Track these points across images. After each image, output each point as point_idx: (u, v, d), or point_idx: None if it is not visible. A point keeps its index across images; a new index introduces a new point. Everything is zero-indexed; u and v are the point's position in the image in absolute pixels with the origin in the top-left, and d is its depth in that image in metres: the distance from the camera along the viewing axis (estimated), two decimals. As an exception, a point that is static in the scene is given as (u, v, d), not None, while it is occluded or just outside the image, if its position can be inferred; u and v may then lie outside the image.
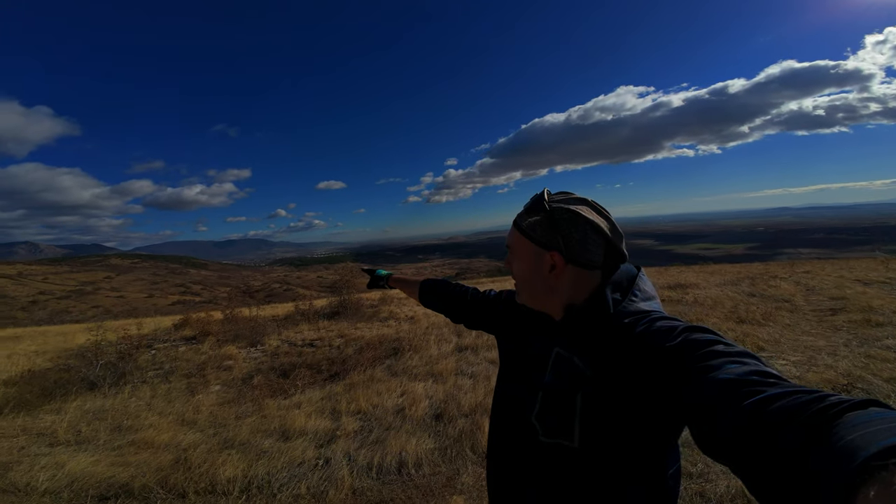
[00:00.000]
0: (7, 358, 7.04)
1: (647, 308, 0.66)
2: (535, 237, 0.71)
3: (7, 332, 11.50)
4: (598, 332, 0.65)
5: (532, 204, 0.74)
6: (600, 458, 0.61)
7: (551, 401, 0.67)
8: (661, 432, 0.59)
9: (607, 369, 0.61)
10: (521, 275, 0.76)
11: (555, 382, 0.68)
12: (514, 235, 0.76)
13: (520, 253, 0.75)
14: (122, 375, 5.35)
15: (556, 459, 0.66)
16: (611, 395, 0.59)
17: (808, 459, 0.32)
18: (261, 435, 3.30)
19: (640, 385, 0.56)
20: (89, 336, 7.00)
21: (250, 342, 6.80)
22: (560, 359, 0.69)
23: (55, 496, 2.56)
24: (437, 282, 1.25)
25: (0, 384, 5.30)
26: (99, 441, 3.40)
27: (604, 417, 0.60)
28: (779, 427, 0.35)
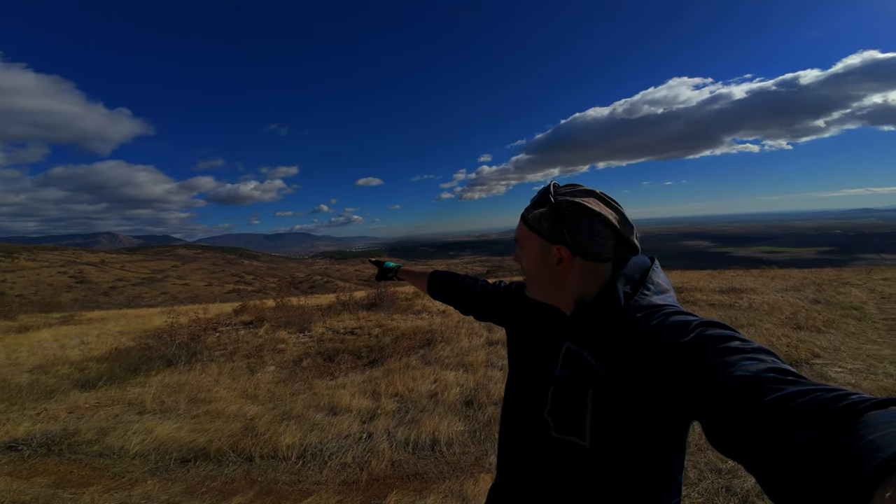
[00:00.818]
0: (97, 337, 7.77)
1: (661, 302, 0.61)
2: (541, 231, 0.68)
3: (94, 314, 12.59)
4: (608, 326, 0.61)
5: (538, 197, 0.70)
6: (611, 458, 0.58)
7: (562, 396, 0.64)
8: (673, 433, 0.56)
9: (619, 365, 0.57)
10: (529, 269, 0.72)
11: (566, 377, 0.64)
12: (522, 229, 0.72)
13: (527, 247, 0.71)
14: (194, 354, 5.80)
15: (567, 457, 0.62)
16: (622, 392, 0.56)
17: (825, 458, 0.30)
18: (312, 410, 3.56)
19: (652, 382, 0.52)
20: (165, 319, 7.63)
21: (299, 328, 7.18)
22: (570, 353, 0.65)
23: (144, 459, 2.81)
24: (445, 274, 1.18)
25: (94, 360, 5.90)
26: (179, 410, 3.74)
27: (615, 415, 0.57)
28: (796, 425, 0.34)
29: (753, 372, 0.41)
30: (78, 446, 2.90)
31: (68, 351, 6.56)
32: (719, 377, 0.43)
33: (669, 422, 0.54)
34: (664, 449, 0.57)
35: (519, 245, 0.74)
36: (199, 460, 2.81)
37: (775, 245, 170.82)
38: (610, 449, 0.58)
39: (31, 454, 2.77)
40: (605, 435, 0.58)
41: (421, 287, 1.25)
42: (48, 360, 5.92)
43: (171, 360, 5.57)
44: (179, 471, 2.67)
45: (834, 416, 0.32)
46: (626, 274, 0.64)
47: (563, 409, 0.63)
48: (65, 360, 5.93)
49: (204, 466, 2.72)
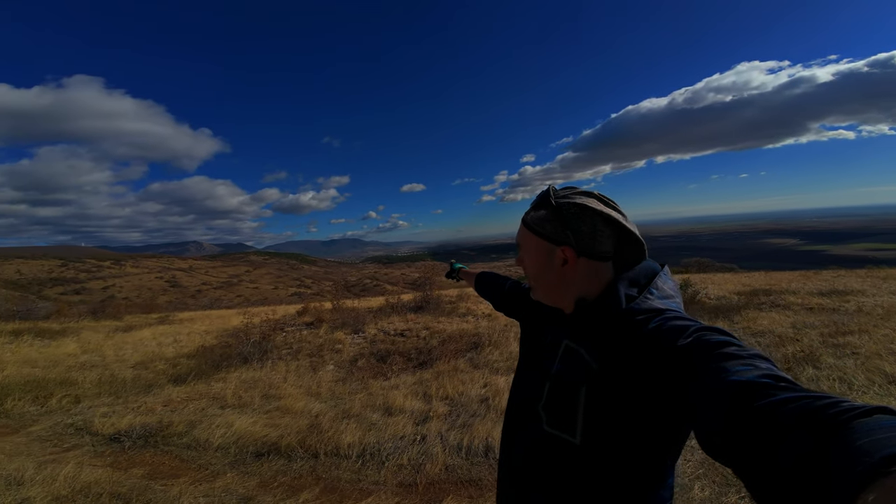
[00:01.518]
0: (187, 335, 8.47)
1: (662, 306, 0.59)
2: (543, 233, 0.67)
3: (185, 314, 13.80)
4: (607, 326, 0.59)
5: (539, 200, 0.69)
6: (601, 457, 0.56)
7: (557, 392, 0.63)
8: (665, 435, 0.53)
9: (614, 365, 0.55)
10: (533, 271, 0.70)
11: (561, 373, 0.64)
12: (523, 233, 0.71)
13: (530, 249, 0.69)
14: (265, 352, 6.13)
15: (557, 452, 0.61)
16: (616, 392, 0.54)
17: (814, 464, 0.29)
18: (369, 409, 3.59)
19: (646, 383, 0.51)
20: (241, 319, 8.16)
21: (353, 329, 7.37)
22: (568, 350, 0.64)
23: (225, 451, 2.95)
24: (488, 274, 1.29)
25: (185, 357, 6.42)
26: (254, 405, 3.93)
27: (607, 414, 0.55)
28: (787, 431, 0.33)
29: (747, 378, 0.39)
30: (170, 438, 3.12)
31: (164, 348, 7.20)
32: (713, 381, 0.42)
33: (661, 423, 0.52)
34: (656, 451, 0.55)
35: (521, 248, 0.72)
36: (272, 455, 2.90)
37: (881, 241, 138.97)
38: (600, 447, 0.56)
39: (130, 445, 3.01)
40: (595, 433, 0.56)
41: (471, 284, 1.41)
42: (148, 356, 6.52)
43: (246, 357, 5.92)
44: (254, 464, 2.77)
45: (824, 422, 0.31)
46: (631, 277, 0.63)
47: (557, 405, 0.62)
48: (161, 356, 6.51)
49: (276, 461, 2.81)
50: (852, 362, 3.47)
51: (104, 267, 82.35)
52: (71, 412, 3.70)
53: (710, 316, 5.97)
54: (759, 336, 4.69)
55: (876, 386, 3.05)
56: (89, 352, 6.91)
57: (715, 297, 7.28)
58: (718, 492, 2.10)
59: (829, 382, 3.19)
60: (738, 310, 6.07)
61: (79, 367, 5.68)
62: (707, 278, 10.23)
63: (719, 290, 8.04)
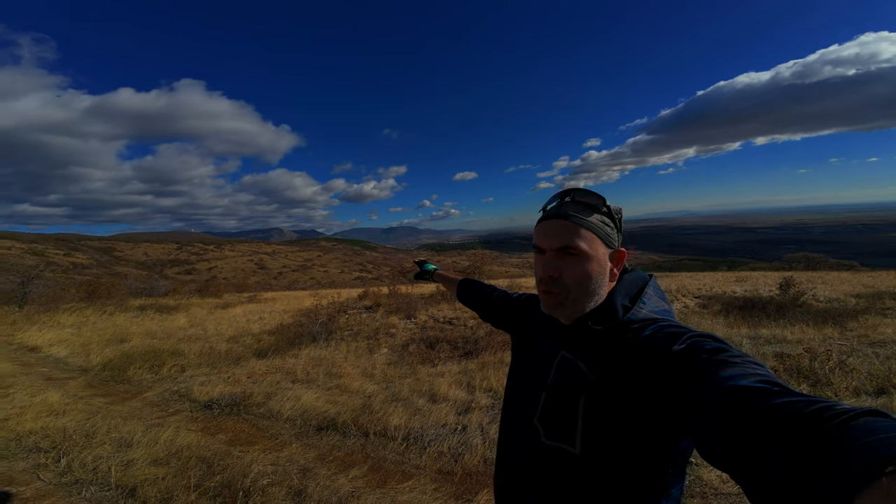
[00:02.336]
0: (269, 314, 9.34)
1: (657, 316, 0.58)
2: (602, 235, 0.60)
3: (268, 294, 15.27)
4: (605, 337, 0.57)
5: (595, 199, 0.61)
6: (601, 467, 0.53)
7: (553, 403, 0.60)
8: (664, 442, 0.50)
9: (612, 374, 0.53)
10: (586, 278, 0.59)
11: (558, 384, 0.61)
12: (580, 234, 0.59)
13: (589, 254, 0.59)
14: (331, 332, 6.55)
15: (558, 464, 0.57)
16: (614, 401, 0.52)
17: (809, 468, 0.28)
18: (416, 395, 3.67)
19: (644, 391, 0.49)
20: (312, 301, 8.80)
21: (406, 315, 7.59)
22: (565, 362, 0.61)
23: (292, 422, 3.19)
24: (472, 282, 1.16)
25: (267, 333, 7.09)
26: (319, 382, 4.23)
27: (606, 424, 0.52)
28: (781, 435, 0.32)
29: (742, 383, 0.39)
30: (250, 408, 3.46)
31: (251, 324, 8.03)
32: (709, 387, 0.41)
33: (659, 431, 0.50)
34: (656, 459, 0.52)
35: (570, 253, 0.59)
36: (330, 430, 3.09)
37: None
38: (600, 457, 0.53)
39: (219, 413, 3.40)
40: (595, 442, 0.54)
41: (452, 291, 1.23)
42: (239, 331, 7.32)
43: (314, 336, 6.38)
44: (315, 437, 2.98)
45: (818, 425, 0.30)
46: (625, 287, 0.62)
47: (554, 416, 0.59)
48: (249, 332, 7.26)
49: (332, 436, 2.99)
50: None
51: (208, 250, 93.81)
52: (177, 380, 4.27)
53: (816, 320, 5.13)
54: (878, 346, 3.93)
55: None
56: (195, 325, 7.92)
57: (825, 298, 6.29)
58: None
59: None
60: (853, 315, 5.15)
61: (187, 339, 6.54)
62: (817, 277, 8.85)
63: (832, 291, 6.93)
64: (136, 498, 1.98)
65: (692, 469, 2.31)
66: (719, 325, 5.74)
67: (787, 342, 4.68)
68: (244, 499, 1.99)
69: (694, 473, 2.28)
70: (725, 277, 10.34)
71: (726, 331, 5.37)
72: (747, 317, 5.83)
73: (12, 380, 4.16)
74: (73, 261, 62.78)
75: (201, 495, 1.98)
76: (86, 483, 2.13)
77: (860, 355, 3.69)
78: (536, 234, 0.64)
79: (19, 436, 2.75)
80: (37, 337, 6.46)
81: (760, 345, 4.70)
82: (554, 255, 0.60)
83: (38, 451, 2.51)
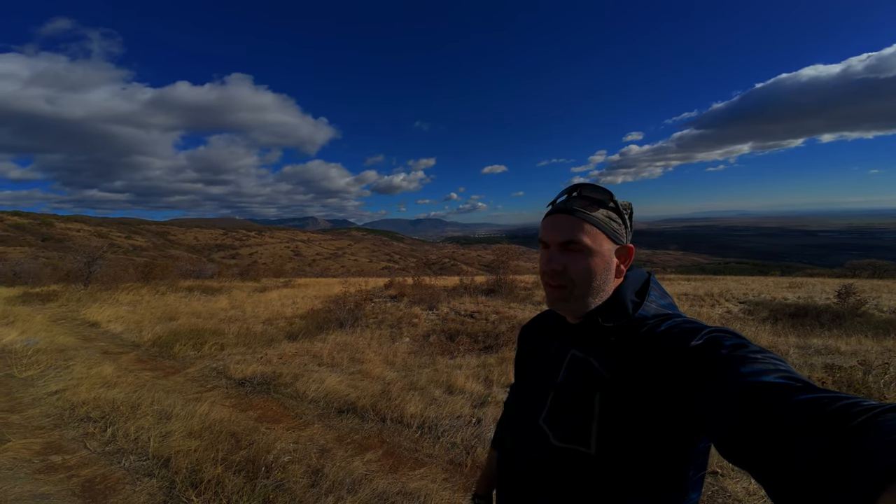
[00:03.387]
0: (302, 299, 9.76)
1: (668, 311, 0.57)
2: (608, 231, 0.59)
3: (302, 280, 15.96)
4: (617, 333, 0.56)
5: (602, 195, 0.59)
6: (618, 466, 0.51)
7: (563, 402, 0.58)
8: (684, 441, 0.49)
9: (627, 370, 0.52)
10: (590, 274, 0.57)
11: (568, 383, 0.58)
12: (589, 231, 0.58)
13: (593, 249, 0.57)
14: (357, 319, 6.76)
15: (570, 467, 0.54)
16: (630, 397, 0.50)
17: (833, 465, 0.28)
18: (433, 385, 3.72)
19: (660, 386, 0.48)
20: (341, 288, 9.10)
21: (429, 306, 7.67)
22: (576, 360, 0.59)
23: (315, 404, 3.33)
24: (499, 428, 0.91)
25: (298, 317, 7.42)
26: (343, 366, 4.39)
27: (623, 421, 0.50)
28: (806, 432, 0.31)
29: (764, 379, 0.37)
30: (279, 387, 3.65)
31: (285, 308, 8.43)
32: (729, 383, 0.40)
33: (678, 428, 0.48)
34: (674, 458, 0.50)
35: (573, 248, 0.58)
36: (349, 413, 3.20)
37: None
38: (618, 455, 0.51)
39: (251, 390, 3.62)
40: (612, 440, 0.51)
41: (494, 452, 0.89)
42: (273, 314, 7.72)
43: (342, 322, 6.61)
44: (336, 419, 3.10)
45: (844, 422, 0.30)
46: (632, 283, 0.61)
47: (563, 417, 0.57)
48: (282, 315, 7.64)
49: (352, 419, 3.10)
50: None
51: (250, 237, 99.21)
52: (216, 358, 4.59)
53: (876, 331, 4.69)
54: None
55: None
56: (235, 307, 8.44)
57: (889, 309, 5.75)
58: None
59: None
60: None
61: (227, 320, 6.99)
62: (883, 286, 8.10)
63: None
64: (168, 468, 2.16)
65: (718, 479, 2.19)
66: (765, 332, 5.30)
67: (840, 353, 4.29)
68: (266, 474, 2.11)
69: (718, 484, 2.16)
70: (777, 282, 9.61)
71: (772, 339, 4.96)
72: (798, 325, 5.40)
73: (73, 353, 4.63)
74: (132, 243, 68.69)
75: (227, 468, 2.13)
76: (126, 452, 2.35)
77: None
78: (542, 228, 0.62)
79: (73, 406, 3.06)
80: (97, 313, 7.15)
81: (810, 355, 4.33)
82: (558, 250, 0.59)
83: (88, 420, 2.79)
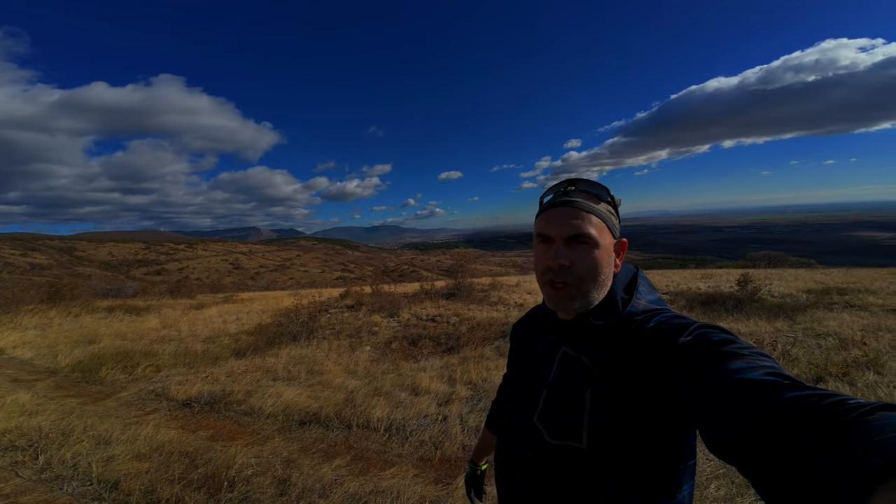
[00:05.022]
0: (247, 314, 9.24)
1: (656, 306, 0.59)
2: (610, 225, 0.60)
3: (245, 295, 15.00)
4: (608, 330, 0.57)
5: (600, 189, 0.61)
6: (611, 461, 0.52)
7: (556, 400, 0.59)
8: (672, 436, 0.51)
9: (617, 367, 0.53)
10: (597, 267, 0.57)
11: (560, 381, 0.59)
12: (593, 222, 0.58)
13: (601, 243, 0.58)
14: (312, 332, 6.59)
15: (566, 463, 0.56)
16: (621, 394, 0.52)
17: (822, 463, 0.29)
18: (398, 388, 3.79)
19: (651, 382, 0.49)
20: (292, 300, 8.76)
21: (389, 313, 7.69)
22: (567, 358, 0.60)
23: (274, 418, 3.26)
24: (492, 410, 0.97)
25: (245, 333, 7.05)
26: (300, 379, 4.29)
27: (614, 417, 0.52)
28: (793, 429, 0.32)
29: (751, 376, 0.39)
30: (230, 405, 3.51)
31: (228, 325, 7.94)
32: (717, 381, 0.41)
33: (668, 424, 0.50)
34: (666, 452, 0.52)
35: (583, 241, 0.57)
36: (313, 424, 3.19)
37: None
38: (609, 450, 0.52)
39: (199, 410, 3.44)
40: (603, 436, 0.52)
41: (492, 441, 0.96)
42: (215, 332, 7.24)
43: (295, 335, 6.40)
44: (298, 431, 3.07)
45: (832, 420, 0.30)
46: (621, 279, 0.62)
47: (556, 414, 0.58)
48: (226, 332, 7.19)
49: (315, 429, 3.09)
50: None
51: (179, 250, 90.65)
52: (153, 380, 4.26)
53: (768, 315, 5.47)
54: (822, 338, 4.24)
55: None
56: (168, 327, 7.78)
57: (779, 294, 6.71)
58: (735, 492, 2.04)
59: (887, 389, 2.91)
60: (802, 309, 5.53)
61: (160, 340, 6.45)
62: (774, 274, 9.33)
63: (786, 287, 7.37)
64: (119, 490, 2.04)
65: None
66: (683, 318, 6.02)
67: (740, 335, 4.97)
68: (229, 488, 2.08)
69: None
70: (693, 274, 10.83)
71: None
72: (708, 311, 6.19)
73: (-25, 384, 4.05)
74: (30, 261, 59.64)
75: (186, 486, 2.06)
76: (66, 479, 2.17)
77: (804, 346, 4.00)
78: (542, 222, 0.60)
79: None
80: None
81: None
82: (563, 244, 0.57)
83: (14, 449, 2.52)
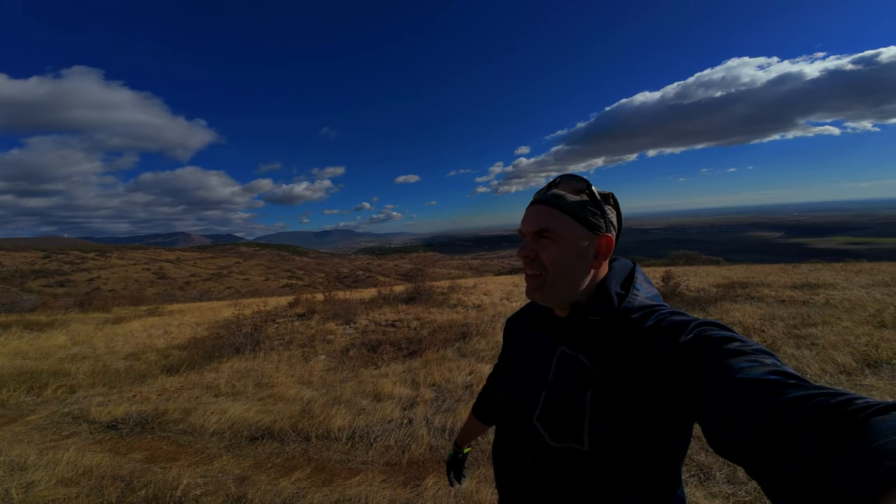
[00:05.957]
0: (178, 327, 8.45)
1: (653, 302, 0.58)
2: (583, 219, 0.59)
3: (174, 307, 13.66)
4: (604, 328, 0.57)
5: (577, 183, 0.63)
6: (612, 461, 0.53)
7: (556, 401, 0.59)
8: (674, 435, 0.52)
9: (617, 367, 0.53)
10: (562, 261, 0.59)
11: (559, 381, 0.59)
12: (557, 217, 0.60)
13: (563, 235, 0.59)
14: (257, 343, 6.20)
15: (568, 465, 0.56)
16: (621, 394, 0.52)
17: (829, 465, 0.29)
18: (359, 396, 3.71)
19: (651, 383, 0.49)
20: (232, 311, 8.17)
21: (345, 320, 7.47)
22: (565, 357, 0.60)
23: (220, 436, 3.04)
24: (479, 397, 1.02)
25: (176, 348, 6.44)
26: (248, 393, 4.03)
27: (614, 417, 0.52)
28: (800, 430, 0.32)
29: (755, 375, 0.39)
30: (166, 425, 3.20)
31: (155, 340, 7.19)
32: (719, 380, 0.41)
33: (669, 423, 0.50)
34: (666, 452, 0.53)
35: (545, 236, 0.60)
36: (265, 438, 3.01)
37: (863, 236, 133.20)
38: (610, 451, 0.53)
39: (128, 432, 3.09)
40: (604, 437, 0.53)
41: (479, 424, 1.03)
42: (139, 347, 6.53)
43: (238, 348, 5.98)
44: (249, 447, 2.88)
45: (839, 420, 0.30)
46: (616, 275, 0.62)
47: (557, 415, 0.58)
48: (152, 347, 6.51)
49: (269, 444, 2.93)
50: (809, 353, 3.67)
51: (88, 259, 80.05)
52: (67, 402, 3.74)
53: (687, 307, 6.19)
54: None
55: (827, 375, 3.23)
56: (80, 343, 6.87)
57: (695, 289, 7.56)
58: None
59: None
60: (714, 301, 6.31)
61: (70, 358, 5.67)
62: (691, 271, 10.56)
63: (700, 282, 8.32)
64: (38, 523, 1.79)
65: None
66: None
67: None
68: (175, 511, 1.91)
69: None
70: None
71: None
72: None
73: None
74: None
75: (122, 512, 1.86)
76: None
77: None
78: (521, 220, 0.65)
79: None
80: None
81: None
82: (531, 238, 0.62)
83: None
